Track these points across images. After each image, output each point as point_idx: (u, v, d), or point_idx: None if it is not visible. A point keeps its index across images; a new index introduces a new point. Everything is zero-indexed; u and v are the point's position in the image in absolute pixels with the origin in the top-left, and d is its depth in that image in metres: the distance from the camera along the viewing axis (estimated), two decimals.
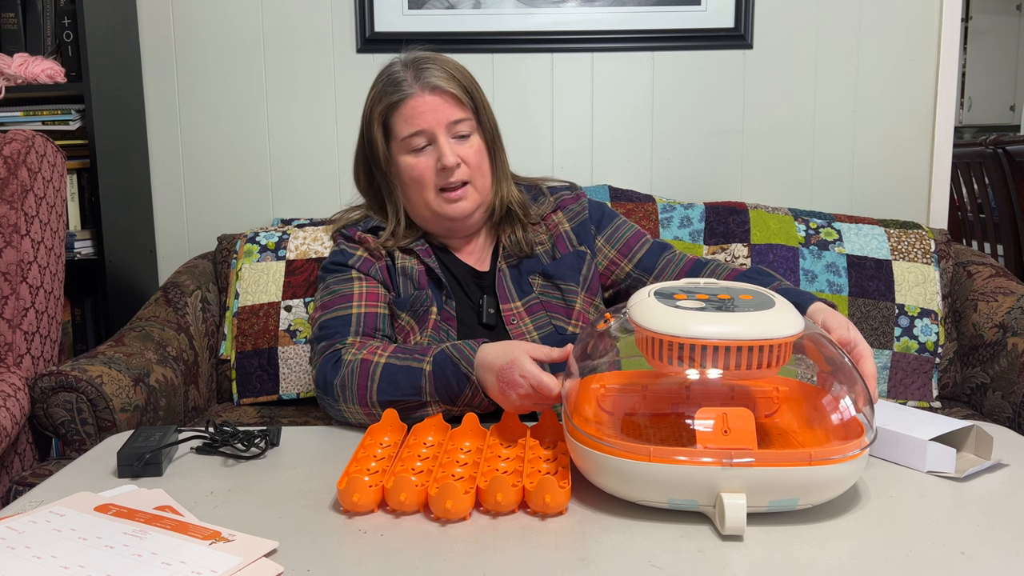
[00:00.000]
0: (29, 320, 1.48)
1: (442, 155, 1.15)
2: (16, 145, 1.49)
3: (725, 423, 0.80)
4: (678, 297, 0.84)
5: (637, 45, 1.98)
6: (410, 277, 1.22)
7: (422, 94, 1.16)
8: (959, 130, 5.40)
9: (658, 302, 0.82)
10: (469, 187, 1.19)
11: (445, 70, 1.18)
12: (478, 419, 0.98)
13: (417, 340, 1.19)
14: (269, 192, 2.03)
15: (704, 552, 0.72)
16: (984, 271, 1.76)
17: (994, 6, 5.48)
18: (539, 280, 1.24)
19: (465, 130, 1.18)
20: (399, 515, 0.81)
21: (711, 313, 0.80)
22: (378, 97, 1.20)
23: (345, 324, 1.16)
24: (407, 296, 1.21)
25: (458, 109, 1.17)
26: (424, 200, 1.19)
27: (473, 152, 1.19)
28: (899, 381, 1.69)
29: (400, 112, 1.17)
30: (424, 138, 1.16)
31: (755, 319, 0.79)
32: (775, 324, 0.79)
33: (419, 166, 1.17)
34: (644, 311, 0.82)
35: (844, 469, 0.75)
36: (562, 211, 1.29)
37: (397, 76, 1.18)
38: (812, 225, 1.79)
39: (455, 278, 1.24)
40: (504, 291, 1.22)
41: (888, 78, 1.99)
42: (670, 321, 0.79)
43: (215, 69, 1.99)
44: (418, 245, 1.24)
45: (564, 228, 1.28)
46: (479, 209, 1.22)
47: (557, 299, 1.23)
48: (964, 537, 0.74)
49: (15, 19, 1.79)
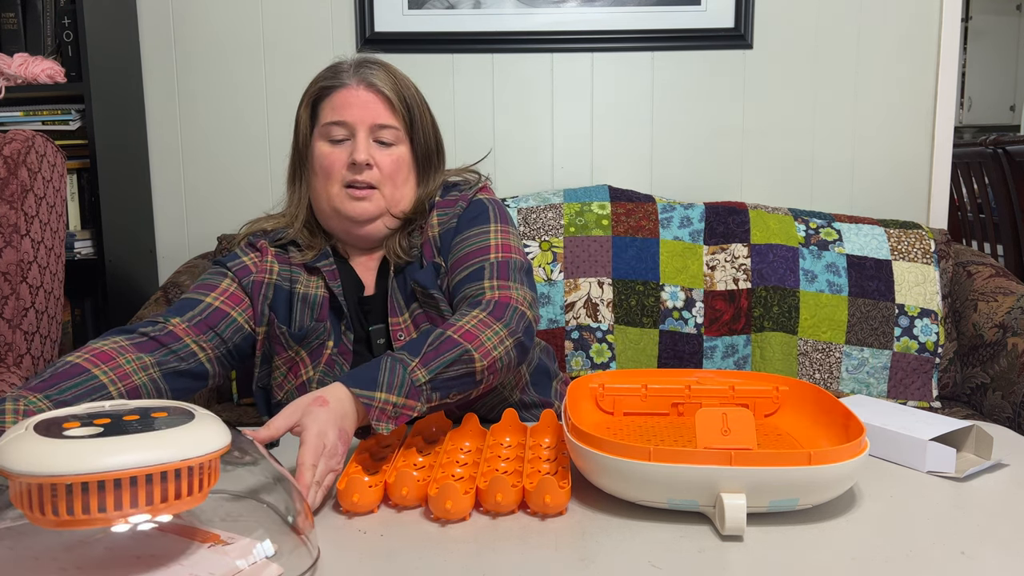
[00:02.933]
0: (29, 320, 1.48)
1: (356, 150, 1.11)
2: (16, 145, 1.49)
3: (725, 423, 0.80)
4: (68, 426, 0.63)
5: (637, 45, 1.98)
6: (310, 305, 1.14)
7: (356, 87, 1.13)
8: (959, 130, 5.40)
9: (37, 436, 0.60)
10: (376, 192, 1.12)
11: (388, 74, 1.15)
12: (478, 419, 0.98)
13: (309, 375, 1.12)
14: (269, 192, 2.03)
15: (704, 552, 0.72)
16: (984, 271, 1.76)
17: (994, 6, 5.48)
18: (418, 287, 1.13)
19: (388, 138, 1.13)
20: (401, 510, 0.81)
21: (112, 439, 0.60)
22: (316, 80, 1.17)
23: (190, 307, 1.08)
24: (303, 328, 1.13)
25: (388, 114, 1.13)
26: (328, 192, 1.13)
27: (390, 160, 1.13)
28: (899, 381, 1.69)
29: (330, 99, 1.14)
30: (345, 130, 1.12)
31: (170, 438, 0.62)
32: (194, 441, 0.63)
33: (331, 156, 1.12)
34: (16, 452, 0.59)
35: (844, 469, 0.75)
36: (436, 213, 1.18)
37: (340, 67, 1.16)
38: (812, 225, 1.79)
39: (355, 305, 1.16)
40: (394, 304, 1.14)
41: (888, 78, 1.99)
42: (55, 458, 0.58)
43: (215, 69, 1.99)
44: (324, 264, 1.15)
45: (432, 233, 1.17)
46: (381, 218, 1.14)
47: (433, 309, 1.13)
48: (964, 537, 0.74)
49: (15, 19, 1.79)
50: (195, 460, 0.62)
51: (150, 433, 0.61)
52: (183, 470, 0.61)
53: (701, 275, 1.75)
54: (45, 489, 0.58)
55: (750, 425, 0.79)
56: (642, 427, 0.96)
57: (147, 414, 0.66)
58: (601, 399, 1.01)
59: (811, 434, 0.92)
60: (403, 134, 1.14)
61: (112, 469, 0.58)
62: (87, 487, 0.58)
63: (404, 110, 1.14)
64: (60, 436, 0.60)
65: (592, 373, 1.07)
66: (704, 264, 1.76)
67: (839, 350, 1.70)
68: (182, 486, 0.61)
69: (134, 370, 1.00)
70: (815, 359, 1.70)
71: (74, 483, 0.58)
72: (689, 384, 1.01)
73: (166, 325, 1.05)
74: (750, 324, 1.72)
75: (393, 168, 1.13)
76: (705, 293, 1.74)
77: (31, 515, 0.59)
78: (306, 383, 1.12)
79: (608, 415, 1.00)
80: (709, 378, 1.02)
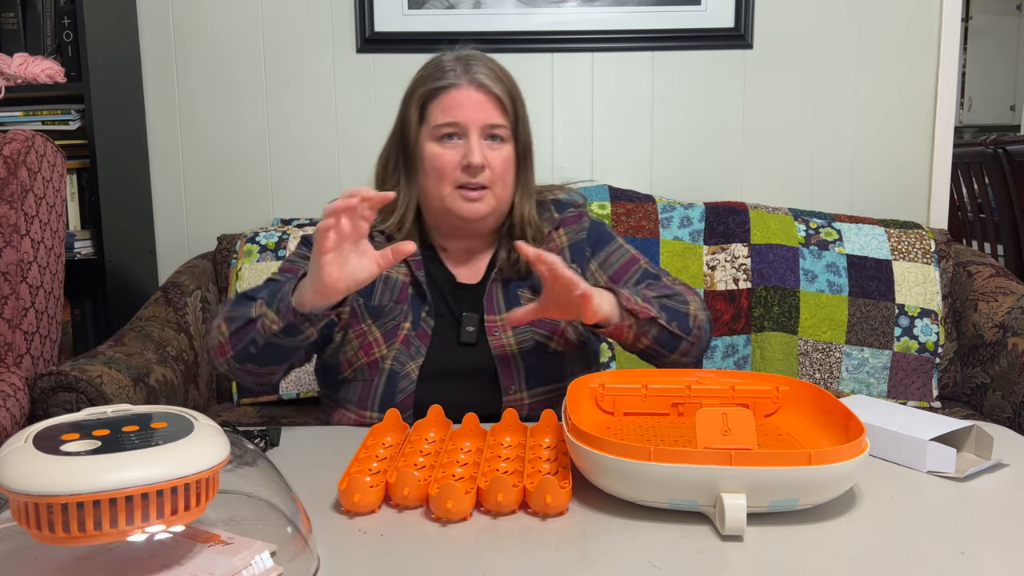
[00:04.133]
0: (29, 320, 1.48)
1: (470, 152, 1.12)
2: (16, 145, 1.49)
3: (725, 423, 0.80)
4: (67, 438, 0.62)
5: (637, 45, 1.98)
6: (390, 288, 1.18)
7: (467, 88, 1.13)
8: (959, 130, 5.40)
9: (35, 452, 0.60)
10: (488, 192, 1.15)
11: (494, 72, 1.16)
12: (478, 419, 0.98)
13: (382, 353, 1.14)
14: (269, 192, 2.03)
15: (704, 552, 0.72)
16: (984, 271, 1.76)
17: (994, 6, 5.48)
18: (527, 294, 1.19)
19: (499, 136, 1.15)
20: (402, 510, 0.81)
21: (109, 456, 0.60)
22: (422, 80, 1.17)
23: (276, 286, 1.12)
24: (380, 304, 1.17)
25: (498, 114, 1.15)
26: (440, 193, 1.15)
27: (501, 160, 1.15)
28: (899, 381, 1.69)
29: (440, 100, 1.14)
30: (456, 131, 1.14)
31: (167, 454, 0.62)
32: (193, 456, 0.63)
33: (444, 158, 1.14)
34: (14, 469, 0.59)
35: (844, 469, 0.75)
36: (563, 228, 1.25)
37: (446, 65, 1.16)
38: (812, 225, 1.79)
39: (441, 293, 1.20)
40: (492, 302, 1.18)
41: (888, 78, 1.99)
42: (51, 476, 0.57)
43: (215, 69, 1.99)
44: (413, 257, 1.18)
45: (561, 244, 1.24)
46: (492, 215, 1.18)
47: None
48: (964, 537, 0.74)
49: (15, 19, 1.79)
50: (192, 477, 0.61)
51: (148, 449, 0.61)
52: (180, 487, 0.61)
53: (701, 275, 1.75)
54: (42, 507, 0.58)
55: (750, 425, 0.79)
56: (642, 427, 0.96)
57: (147, 425, 0.66)
58: (601, 399, 1.01)
59: (811, 434, 0.92)
60: (510, 132, 1.16)
61: (109, 488, 0.58)
62: (83, 506, 0.58)
63: (511, 108, 1.16)
64: (58, 452, 0.60)
65: (592, 373, 1.07)
66: (704, 264, 1.76)
67: (839, 350, 1.70)
68: (179, 502, 0.61)
69: None
70: (815, 359, 1.70)
71: (70, 502, 0.57)
72: (689, 384, 1.01)
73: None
74: (750, 324, 1.72)
75: (504, 167, 1.16)
76: (705, 293, 1.74)
77: (30, 531, 0.59)
78: (379, 360, 1.14)
79: (608, 415, 1.00)
80: (709, 378, 1.02)
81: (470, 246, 1.23)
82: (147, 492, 0.59)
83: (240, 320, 1.04)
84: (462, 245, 1.22)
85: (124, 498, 0.59)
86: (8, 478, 0.58)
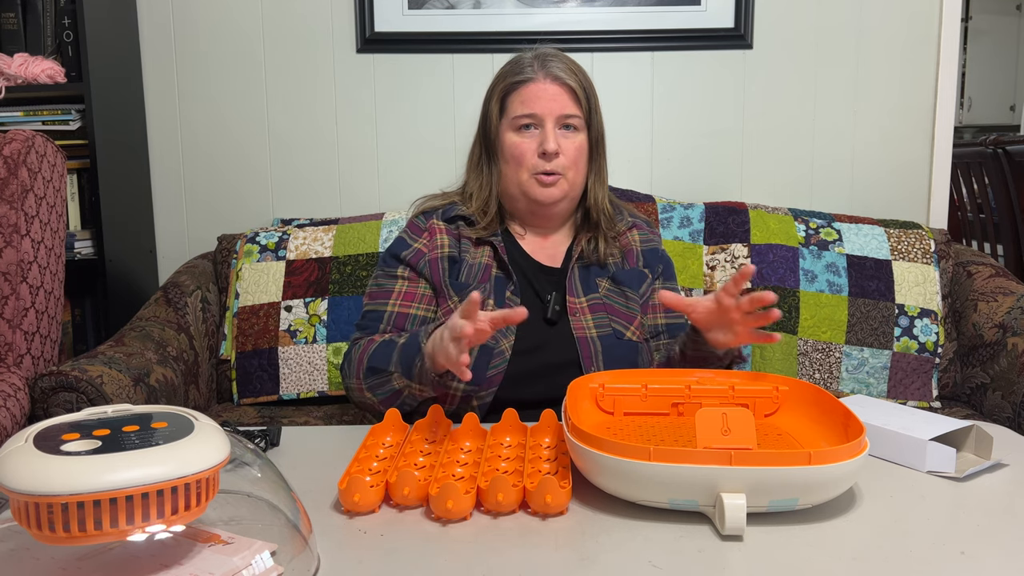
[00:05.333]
0: (29, 320, 1.48)
1: (545, 139, 1.21)
2: (16, 145, 1.49)
3: (725, 423, 0.80)
4: (67, 438, 0.63)
5: (637, 45, 1.98)
6: (474, 269, 1.26)
7: (544, 81, 1.23)
8: (959, 130, 5.40)
9: (35, 451, 0.61)
10: (561, 177, 1.23)
11: (568, 66, 1.25)
12: (478, 419, 0.98)
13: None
14: (269, 192, 2.03)
15: (704, 552, 0.72)
16: (984, 271, 1.76)
17: (994, 6, 5.48)
18: (606, 284, 1.28)
19: (573, 125, 1.24)
20: (402, 509, 0.81)
21: (109, 456, 0.60)
22: (502, 76, 1.27)
23: (378, 320, 1.24)
24: (466, 282, 1.25)
25: (572, 105, 1.24)
26: (518, 179, 1.24)
27: (574, 147, 1.24)
28: (899, 381, 1.69)
29: (519, 93, 1.24)
30: (533, 121, 1.23)
31: (167, 454, 0.62)
32: (193, 455, 0.63)
33: (521, 146, 1.23)
34: (13, 469, 0.59)
35: (844, 469, 0.75)
36: (637, 231, 1.35)
37: (524, 62, 1.26)
38: (812, 225, 1.79)
39: (524, 275, 1.28)
40: (572, 285, 1.26)
41: (888, 78, 1.99)
42: (51, 476, 0.58)
43: (215, 69, 1.99)
44: (496, 239, 1.27)
45: (636, 246, 1.33)
46: (566, 199, 1.26)
47: (620, 304, 1.27)
48: (964, 537, 0.74)
49: (15, 19, 1.79)
50: (192, 477, 0.61)
51: (147, 449, 0.61)
52: (180, 487, 0.61)
53: (701, 275, 1.75)
54: (42, 507, 0.58)
55: (750, 425, 0.79)
56: (642, 427, 0.96)
57: (147, 425, 0.66)
58: (601, 399, 1.01)
59: (811, 434, 0.92)
60: (583, 121, 1.26)
61: (109, 488, 0.58)
62: (83, 506, 0.58)
63: (585, 99, 1.25)
64: (58, 452, 0.60)
65: (592, 373, 1.07)
66: (704, 264, 1.76)
67: (839, 350, 1.70)
68: (179, 502, 0.61)
69: None
70: (815, 359, 1.70)
71: (70, 502, 0.57)
72: (689, 384, 1.01)
73: (373, 339, 1.18)
74: None
75: (576, 154, 1.24)
76: (705, 293, 1.74)
77: (31, 531, 0.59)
78: None
79: (608, 415, 1.00)
80: (709, 378, 1.02)
81: (547, 232, 1.32)
82: (147, 492, 0.59)
83: (386, 392, 1.12)
84: (539, 231, 1.32)
85: (124, 498, 0.59)
86: (8, 478, 0.58)
